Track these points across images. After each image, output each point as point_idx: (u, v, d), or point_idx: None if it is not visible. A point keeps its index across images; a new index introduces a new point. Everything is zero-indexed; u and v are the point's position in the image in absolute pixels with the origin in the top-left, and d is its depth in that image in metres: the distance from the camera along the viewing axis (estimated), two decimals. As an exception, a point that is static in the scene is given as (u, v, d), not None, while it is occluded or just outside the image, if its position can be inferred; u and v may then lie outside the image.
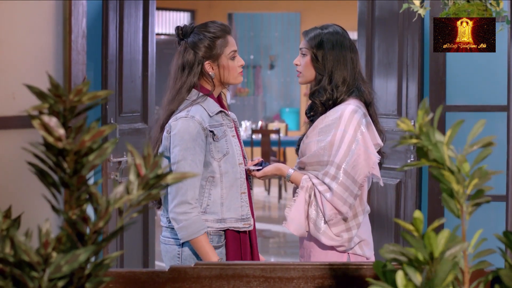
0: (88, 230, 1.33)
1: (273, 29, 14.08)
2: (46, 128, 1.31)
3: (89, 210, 1.58)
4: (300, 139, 3.08)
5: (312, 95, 3.00)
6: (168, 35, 12.57)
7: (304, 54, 3.01)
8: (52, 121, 1.31)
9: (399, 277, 1.42)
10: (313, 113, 3.05)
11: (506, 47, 3.54)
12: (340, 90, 2.93)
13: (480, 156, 1.47)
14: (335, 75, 2.94)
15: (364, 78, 3.04)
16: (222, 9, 12.75)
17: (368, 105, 2.98)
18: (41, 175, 1.34)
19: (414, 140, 1.47)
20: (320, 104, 2.97)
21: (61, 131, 1.31)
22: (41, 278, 1.25)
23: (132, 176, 1.35)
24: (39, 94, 1.33)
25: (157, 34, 12.02)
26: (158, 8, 12.10)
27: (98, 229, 1.31)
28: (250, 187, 2.97)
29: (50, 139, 1.31)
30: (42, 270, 1.26)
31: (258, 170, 3.00)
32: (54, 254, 1.28)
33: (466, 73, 4.04)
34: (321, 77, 2.97)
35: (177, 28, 2.96)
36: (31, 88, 1.34)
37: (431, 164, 1.46)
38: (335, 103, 2.94)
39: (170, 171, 1.36)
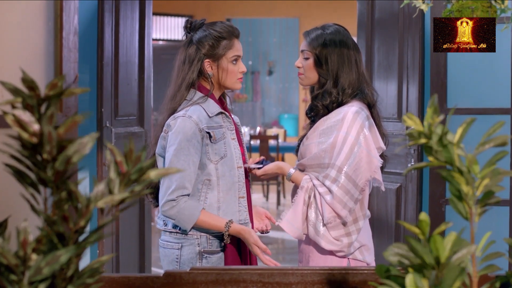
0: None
1: (271, 35, 14.07)
2: (20, 124, 1.26)
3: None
4: (301, 140, 3.01)
5: (315, 98, 2.93)
6: (166, 40, 12.53)
7: (306, 58, 2.93)
8: (26, 116, 1.27)
9: (409, 280, 1.36)
10: (314, 114, 2.98)
11: (509, 48, 3.50)
12: (347, 93, 2.86)
13: (495, 158, 1.40)
14: (340, 78, 2.86)
15: (367, 79, 2.96)
16: (220, 14, 12.73)
17: (371, 107, 2.91)
18: (19, 175, 1.29)
19: (423, 140, 1.40)
20: (323, 107, 2.89)
21: (35, 126, 1.27)
22: (21, 281, 1.20)
23: (112, 174, 1.30)
24: (13, 90, 1.29)
25: (155, 39, 12.01)
26: (155, 13, 12.03)
27: (79, 228, 1.26)
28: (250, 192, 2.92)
29: (25, 135, 1.26)
30: (21, 273, 1.21)
31: (259, 168, 2.94)
32: (34, 256, 1.23)
33: (467, 76, 3.99)
34: (325, 81, 2.89)
35: (187, 21, 2.92)
36: (4, 84, 1.30)
37: (441, 164, 1.40)
38: (339, 106, 2.87)
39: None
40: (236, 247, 2.81)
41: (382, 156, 2.88)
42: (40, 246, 1.23)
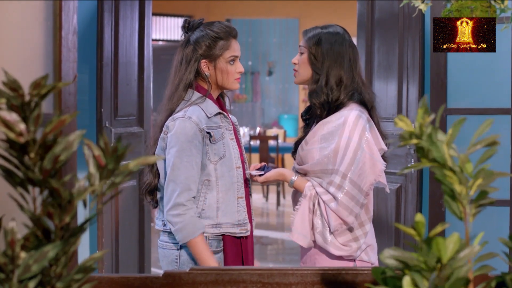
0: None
1: (271, 35, 14.06)
2: (7, 124, 1.26)
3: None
4: (297, 142, 3.00)
5: (310, 95, 2.92)
6: (165, 40, 12.52)
7: (302, 53, 2.94)
8: (12, 116, 1.27)
9: (406, 282, 1.35)
10: (309, 116, 2.98)
11: (509, 48, 3.49)
12: (336, 91, 2.85)
13: (485, 156, 1.40)
14: (330, 76, 2.86)
15: (364, 81, 2.95)
16: (220, 14, 12.73)
17: (370, 109, 2.90)
18: (8, 175, 1.29)
19: (414, 140, 1.40)
20: (319, 105, 2.88)
21: (21, 126, 1.27)
22: (10, 280, 1.20)
23: (92, 168, 1.30)
24: None
25: (154, 40, 12.00)
26: (155, 14, 12.01)
27: (65, 224, 1.26)
28: (249, 192, 2.90)
29: (12, 135, 1.26)
30: (10, 272, 1.20)
31: (260, 175, 2.92)
32: (23, 254, 1.23)
33: (467, 76, 3.98)
34: (318, 77, 2.88)
35: (185, 20, 2.91)
36: None
37: (432, 164, 1.39)
38: (338, 106, 2.86)
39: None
40: (236, 248, 2.80)
41: (383, 156, 2.88)
42: (27, 243, 1.23)
